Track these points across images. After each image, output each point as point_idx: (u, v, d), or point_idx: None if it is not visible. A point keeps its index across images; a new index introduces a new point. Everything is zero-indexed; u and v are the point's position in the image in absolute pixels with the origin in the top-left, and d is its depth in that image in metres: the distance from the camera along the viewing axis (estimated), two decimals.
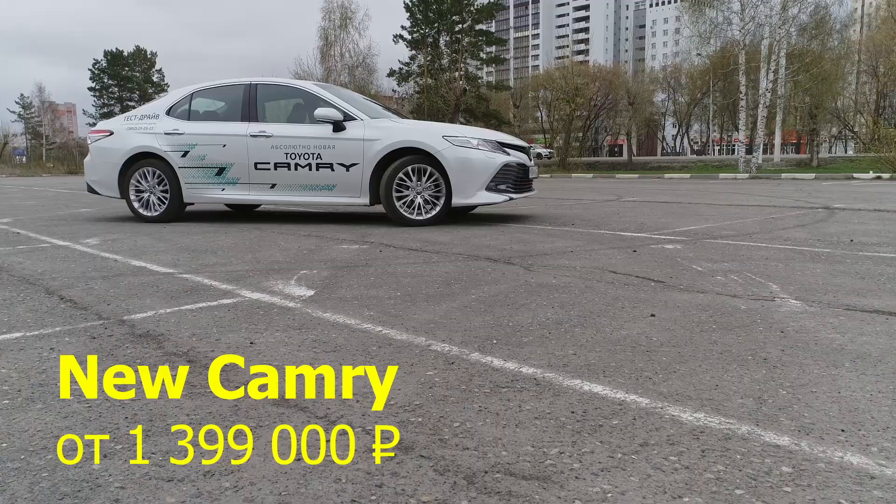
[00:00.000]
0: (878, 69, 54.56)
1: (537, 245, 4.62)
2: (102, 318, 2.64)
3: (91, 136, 7.09)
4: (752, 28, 25.78)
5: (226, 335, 2.36)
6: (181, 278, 3.49)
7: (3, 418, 1.63)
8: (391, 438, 1.49)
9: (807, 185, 14.62)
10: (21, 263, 4.08)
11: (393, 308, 2.75)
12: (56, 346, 2.26)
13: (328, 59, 44.70)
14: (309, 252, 4.41)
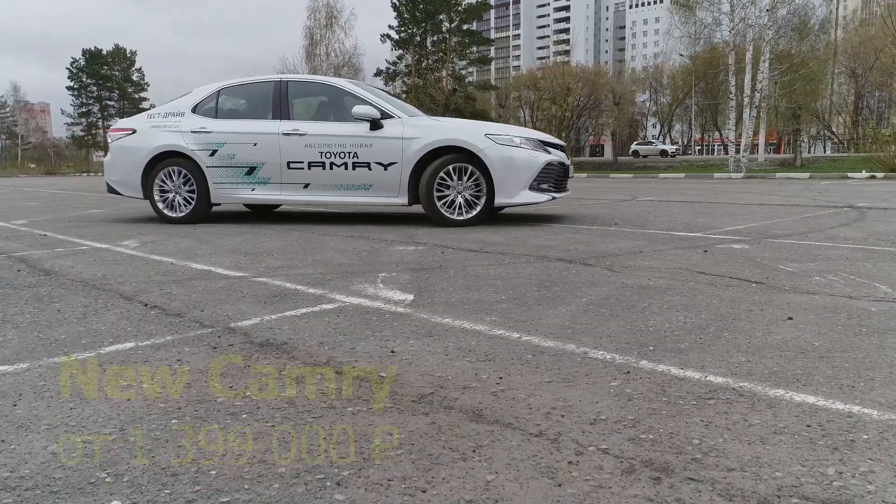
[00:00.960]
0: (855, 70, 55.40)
1: (598, 245, 4.51)
2: (206, 325, 2.48)
3: (112, 135, 6.85)
4: (741, 29, 25.97)
5: (358, 343, 2.22)
6: (258, 282, 3.33)
7: (187, 440, 1.48)
8: (633, 457, 1.36)
9: (809, 184, 14.72)
10: (73, 267, 3.88)
11: (511, 312, 2.62)
12: (181, 356, 2.10)
13: (314, 59, 44.36)
14: (368, 254, 4.27)
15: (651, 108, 72.62)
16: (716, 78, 55.16)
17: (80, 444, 1.46)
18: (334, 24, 44.46)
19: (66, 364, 2.03)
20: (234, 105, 6.64)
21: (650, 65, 75.56)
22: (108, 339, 2.30)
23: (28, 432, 1.53)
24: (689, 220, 6.20)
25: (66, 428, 1.55)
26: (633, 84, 67.89)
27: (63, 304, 2.88)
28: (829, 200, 8.76)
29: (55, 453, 1.42)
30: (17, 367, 2.01)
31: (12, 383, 1.86)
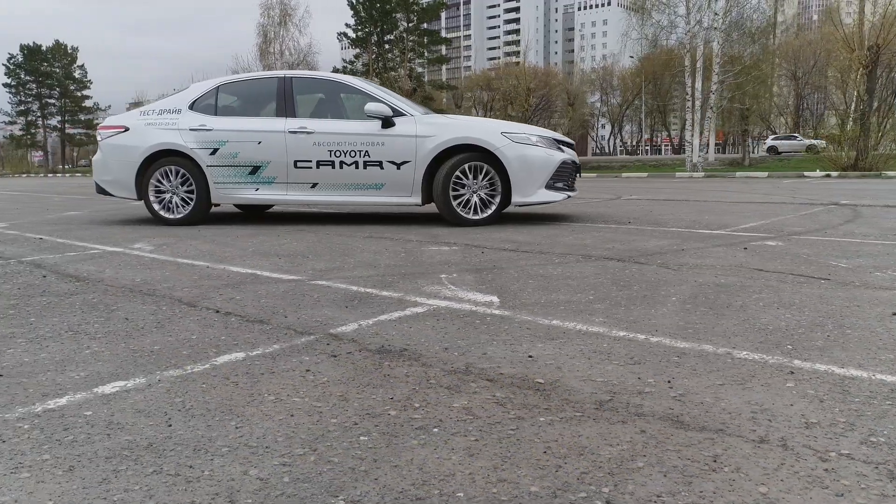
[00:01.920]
0: (796, 73, 57.49)
1: (634, 244, 4.49)
2: (304, 332, 2.34)
3: (101, 133, 6.52)
4: (696, 31, 26.60)
5: (485, 348, 2.12)
6: (320, 285, 3.18)
7: (395, 458, 1.36)
8: (883, 462, 1.31)
9: (774, 183, 15.15)
10: (102, 272, 3.65)
11: (613, 312, 2.55)
12: (307, 366, 1.96)
13: (268, 57, 43.63)
14: (406, 255, 4.14)
15: (602, 109, 73.86)
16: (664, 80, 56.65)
17: (282, 468, 1.33)
18: (288, 21, 43.81)
19: (188, 378, 1.87)
20: (235, 102, 6.39)
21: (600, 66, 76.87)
22: (212, 350, 2.14)
23: (210, 455, 1.38)
24: (697, 218, 6.25)
25: (250, 449, 1.41)
26: (584, 85, 69.01)
27: (126, 312, 2.68)
28: (808, 198, 9.00)
29: (263, 479, 1.28)
30: (135, 382, 1.84)
31: (146, 400, 1.70)
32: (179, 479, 1.28)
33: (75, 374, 1.91)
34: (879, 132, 19.79)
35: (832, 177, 18.32)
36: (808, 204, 7.93)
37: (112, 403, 1.68)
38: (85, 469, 1.33)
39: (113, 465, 1.34)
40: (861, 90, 20.98)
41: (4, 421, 1.57)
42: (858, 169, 19.67)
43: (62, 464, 1.35)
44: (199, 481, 1.27)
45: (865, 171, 18.78)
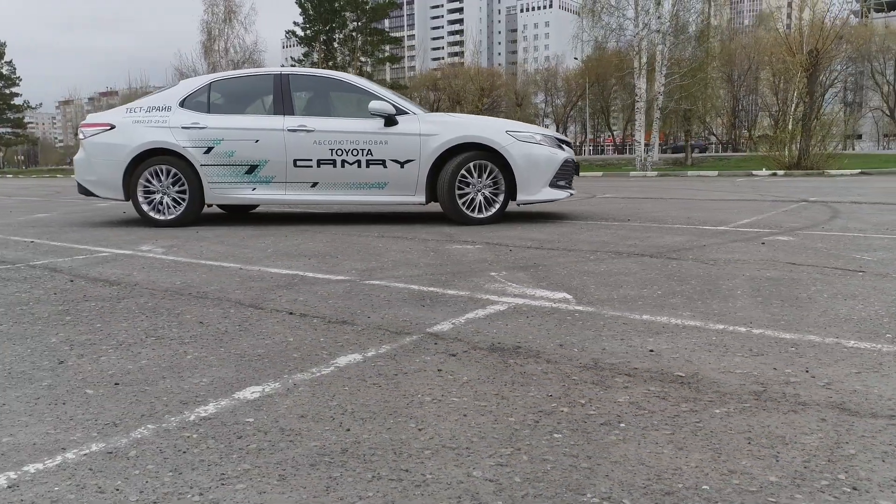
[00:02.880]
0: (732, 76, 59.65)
1: (653, 241, 4.57)
2: (403, 332, 2.30)
3: (85, 131, 6.23)
4: (645, 34, 27.27)
5: (598, 343, 2.12)
6: (377, 285, 3.13)
7: (610, 457, 1.35)
8: None
9: (729, 181, 15.67)
10: (128, 275, 3.49)
11: (693, 307, 2.59)
12: (436, 366, 1.93)
13: (212, 54, 42.63)
14: (437, 254, 4.11)
15: (546, 110, 74.91)
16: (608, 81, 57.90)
17: (502, 468, 1.30)
18: (233, 19, 42.93)
19: (322, 381, 1.81)
20: (229, 99, 6.21)
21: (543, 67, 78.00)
22: (322, 353, 2.07)
23: (418, 458, 1.34)
24: (689, 216, 6.41)
25: (452, 451, 1.38)
26: (529, 86, 69.96)
27: (195, 315, 2.58)
28: (775, 196, 9.34)
29: (492, 479, 1.25)
30: (271, 386, 1.77)
31: (301, 405, 1.64)
32: (407, 484, 1.24)
33: (198, 381, 1.82)
34: (820, 133, 20.68)
35: (779, 175, 19.05)
36: (781, 201, 8.23)
37: (266, 409, 1.61)
38: (298, 477, 1.27)
39: (324, 473, 1.29)
40: (802, 92, 21.89)
41: (167, 431, 1.49)
42: (801, 168, 20.54)
43: (269, 472, 1.29)
44: (429, 485, 1.23)
45: (809, 170, 19.61)
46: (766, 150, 23.92)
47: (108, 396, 1.71)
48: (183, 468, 1.31)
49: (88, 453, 1.38)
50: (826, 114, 24.26)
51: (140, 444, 1.42)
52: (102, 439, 1.45)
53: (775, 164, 21.90)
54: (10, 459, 1.36)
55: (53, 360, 2.03)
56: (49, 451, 1.40)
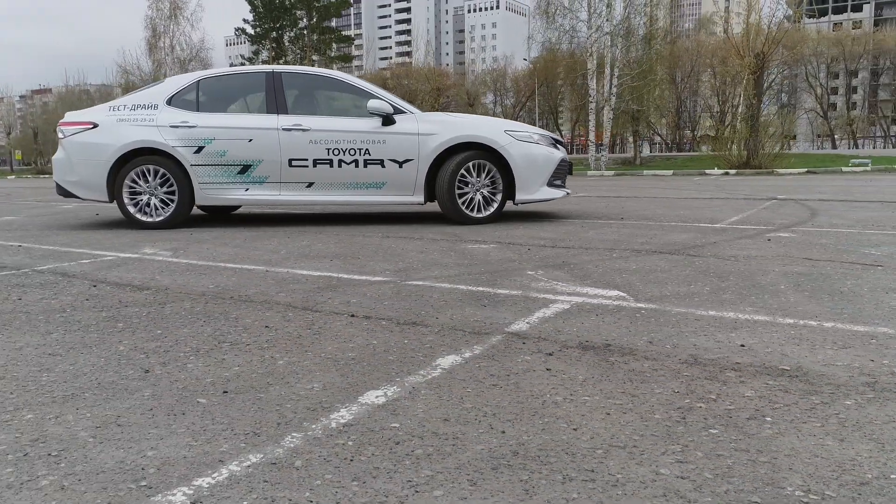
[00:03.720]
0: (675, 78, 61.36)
1: (663, 238, 4.66)
2: (482, 332, 2.28)
3: (64, 129, 5.96)
4: (598, 36, 27.77)
5: (684, 339, 2.15)
6: (424, 286, 3.10)
7: (779, 452, 1.37)
8: None
9: (686, 180, 16.11)
10: (152, 279, 3.37)
11: (751, 302, 2.65)
12: (543, 366, 1.92)
13: (157, 52, 41.47)
14: (458, 254, 4.10)
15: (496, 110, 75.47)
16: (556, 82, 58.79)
17: (684, 465, 1.30)
18: (179, 15, 41.85)
19: (439, 384, 1.78)
20: (219, 97, 6.04)
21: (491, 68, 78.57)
22: (418, 354, 2.04)
23: (598, 458, 1.34)
24: (677, 213, 6.56)
25: (625, 451, 1.37)
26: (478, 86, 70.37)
27: (255, 319, 2.50)
28: (743, 194, 9.64)
29: (687, 477, 1.26)
30: (392, 390, 1.74)
31: (434, 408, 1.61)
32: (603, 484, 1.23)
33: (310, 387, 1.77)
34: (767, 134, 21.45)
35: (731, 174, 19.68)
36: (753, 199, 8.50)
37: (403, 414, 1.57)
38: (490, 481, 1.24)
39: (512, 475, 1.27)
40: (750, 94, 22.67)
41: (317, 439, 1.44)
42: (750, 167, 21.28)
43: (456, 478, 1.26)
44: (625, 484, 1.23)
45: (758, 169, 20.32)
46: (717, 150, 24.63)
47: (224, 405, 1.65)
48: (363, 476, 1.27)
49: (251, 465, 1.32)
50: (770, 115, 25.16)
51: (298, 453, 1.37)
52: (255, 450, 1.39)
53: (725, 163, 22.63)
54: (171, 474, 1.29)
55: (137, 369, 1.94)
56: (206, 463, 1.33)
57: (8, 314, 2.65)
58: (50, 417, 1.58)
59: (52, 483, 1.26)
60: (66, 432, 1.50)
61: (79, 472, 1.30)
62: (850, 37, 65.00)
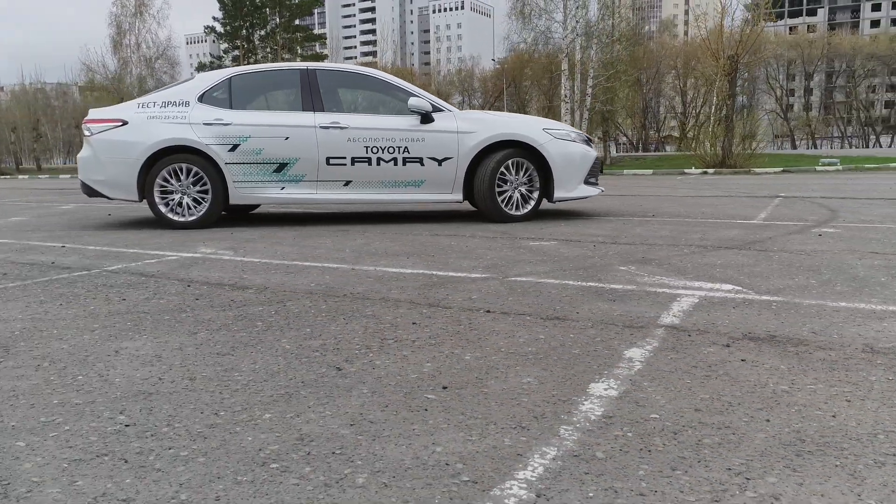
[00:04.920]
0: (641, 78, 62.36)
1: (714, 234, 4.74)
2: (634, 326, 2.30)
3: (91, 127, 5.79)
4: (573, 37, 28.08)
5: (842, 330, 2.20)
6: (530, 282, 3.10)
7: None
8: None
9: (667, 179, 16.39)
10: (242, 278, 3.30)
11: (867, 293, 2.72)
12: (741, 357, 1.94)
13: (122, 49, 40.53)
14: (531, 251, 4.11)
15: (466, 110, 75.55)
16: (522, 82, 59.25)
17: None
18: (145, 12, 40.97)
19: (649, 375, 1.79)
20: (251, 95, 5.94)
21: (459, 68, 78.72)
22: (601, 347, 2.05)
23: (878, 452, 1.36)
24: (702, 211, 6.67)
25: (859, 444, 1.40)
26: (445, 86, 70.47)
27: (391, 317, 2.48)
28: (745, 192, 9.86)
29: None
30: (612, 383, 1.74)
31: (657, 401, 1.61)
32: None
33: (524, 381, 1.76)
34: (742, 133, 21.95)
35: (709, 173, 20.08)
36: (759, 197, 8.69)
37: (650, 405, 1.58)
38: (812, 468, 1.26)
39: (835, 462, 1.28)
40: (725, 95, 23.18)
41: (590, 432, 1.43)
42: (726, 166, 21.75)
43: (772, 465, 1.27)
44: None
45: (736, 168, 20.78)
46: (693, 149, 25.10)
47: (457, 400, 1.63)
48: (678, 465, 1.27)
49: (555, 457, 1.31)
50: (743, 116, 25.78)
51: (590, 445, 1.37)
52: (541, 443, 1.38)
53: (701, 162, 23.09)
54: (483, 468, 1.27)
55: (327, 367, 1.90)
56: (506, 457, 1.32)
57: (128, 314, 2.57)
58: (291, 416, 1.55)
59: (369, 481, 1.23)
60: (325, 430, 1.46)
61: (384, 469, 1.28)
62: (808, 40, 66.98)
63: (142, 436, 1.45)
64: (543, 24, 29.45)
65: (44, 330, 2.36)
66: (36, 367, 1.95)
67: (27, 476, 1.27)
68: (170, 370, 1.90)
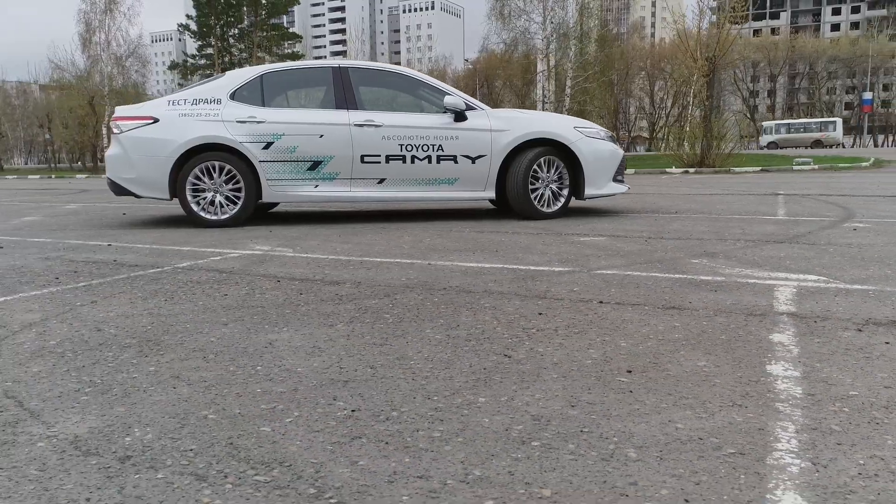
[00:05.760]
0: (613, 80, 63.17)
1: (753, 229, 4.88)
2: (754, 314, 2.40)
3: (121, 125, 5.72)
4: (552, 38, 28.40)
5: None
6: (611, 274, 3.19)
7: None
8: None
9: (655, 178, 16.68)
10: (326, 273, 3.33)
11: None
12: (889, 340, 2.05)
13: (92, 47, 39.68)
14: (588, 247, 4.20)
15: None
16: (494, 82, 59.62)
17: None
18: (115, 9, 40.16)
19: (822, 357, 1.89)
20: (284, 92, 5.93)
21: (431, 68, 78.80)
22: (743, 332, 2.14)
23: None
24: (715, 208, 6.82)
25: None
26: None
27: (512, 308, 2.54)
28: (741, 191, 10.11)
29: None
30: (787, 365, 1.82)
31: (852, 383, 1.71)
32: None
33: (701, 364, 1.84)
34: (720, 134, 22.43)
35: (691, 173, 20.47)
36: (760, 195, 8.92)
37: (838, 385, 1.67)
38: None
39: None
40: (703, 96, 23.66)
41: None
42: (705, 165, 22.20)
43: None
44: None
45: (717, 168, 21.22)
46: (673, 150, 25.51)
47: (651, 382, 1.70)
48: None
49: (797, 430, 1.39)
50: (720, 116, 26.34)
51: (817, 420, 1.45)
52: (772, 420, 1.46)
53: (681, 162, 23.51)
54: (739, 444, 1.35)
55: (495, 355, 1.96)
56: (749, 432, 1.39)
57: (246, 309, 2.59)
58: (505, 399, 1.60)
59: (641, 455, 1.29)
60: (551, 411, 1.52)
61: (645, 445, 1.34)
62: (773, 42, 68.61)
63: (379, 419, 1.49)
64: (522, 24, 29.70)
65: (174, 324, 2.37)
66: (203, 358, 1.96)
67: (305, 457, 1.31)
68: (340, 360, 1.93)
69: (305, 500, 1.14)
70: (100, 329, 2.32)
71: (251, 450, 1.33)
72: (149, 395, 1.66)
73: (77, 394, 1.68)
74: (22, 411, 1.58)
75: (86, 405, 1.60)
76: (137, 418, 1.52)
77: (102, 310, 2.61)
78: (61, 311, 2.61)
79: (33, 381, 1.79)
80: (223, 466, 1.27)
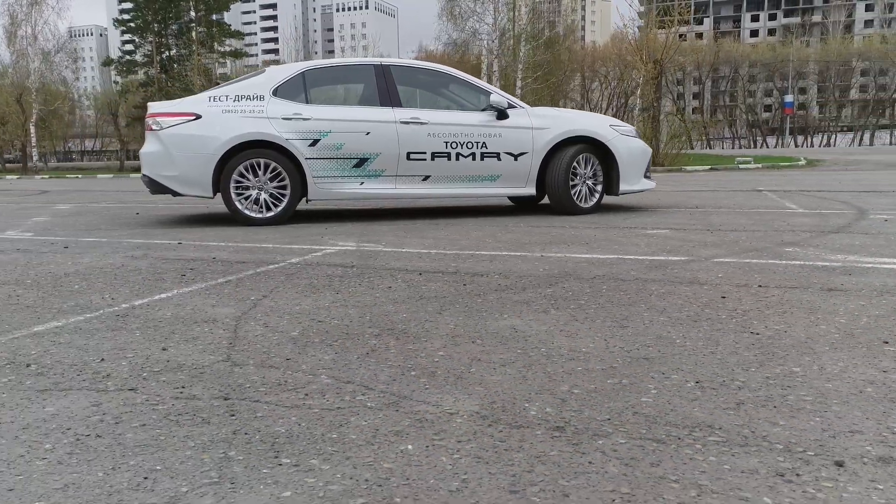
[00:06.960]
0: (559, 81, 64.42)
1: (792, 221, 5.20)
2: (887, 292, 2.64)
3: (162, 121, 5.57)
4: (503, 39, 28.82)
5: None
6: (730, 262, 3.39)
7: None
8: None
9: None
10: (459, 266, 3.41)
11: None
12: None
13: (18, 41, 37.67)
14: (643, 238, 4.41)
15: None
16: None
17: None
18: (42, 2, 38.27)
19: None
20: (326, 89, 5.92)
21: None
22: None
23: None
24: (723, 203, 7.21)
25: None
26: None
27: (716, 297, 2.70)
28: (721, 188, 10.61)
29: None
30: None
31: None
32: None
33: None
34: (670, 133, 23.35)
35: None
36: (743, 192, 9.41)
37: None
38: None
39: None
40: (650, 97, 24.54)
41: None
42: (656, 164, 23.04)
43: None
44: None
45: (669, 167, 22.07)
46: None
47: None
48: None
49: None
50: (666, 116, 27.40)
51: None
52: None
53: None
54: None
55: (742, 338, 2.10)
56: None
57: (421, 300, 2.64)
58: (828, 367, 1.75)
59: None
60: (876, 377, 1.68)
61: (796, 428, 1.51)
62: (700, 46, 71.54)
63: (726, 387, 1.61)
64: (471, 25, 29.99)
65: (387, 314, 2.41)
66: (505, 339, 2.03)
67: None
68: (594, 340, 2.04)
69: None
70: (320, 321, 2.33)
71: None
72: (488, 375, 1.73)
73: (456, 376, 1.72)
74: (389, 396, 1.62)
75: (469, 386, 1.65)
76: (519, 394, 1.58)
77: (286, 302, 2.62)
78: (246, 306, 2.59)
79: (357, 366, 1.82)
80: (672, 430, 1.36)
